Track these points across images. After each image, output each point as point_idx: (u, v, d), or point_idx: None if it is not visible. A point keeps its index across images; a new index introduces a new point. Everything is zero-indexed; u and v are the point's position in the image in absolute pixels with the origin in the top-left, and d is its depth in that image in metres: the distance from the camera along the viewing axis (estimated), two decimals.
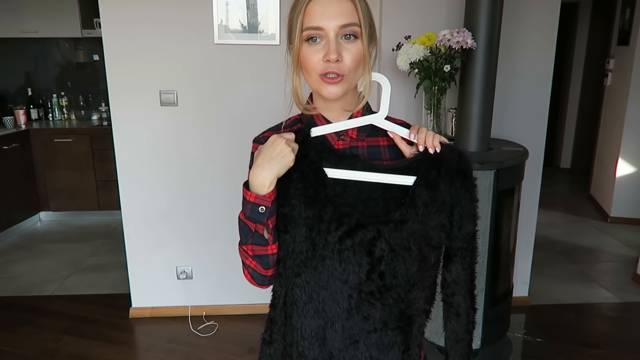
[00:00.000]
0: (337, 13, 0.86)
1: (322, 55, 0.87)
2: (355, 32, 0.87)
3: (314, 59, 0.88)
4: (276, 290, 0.93)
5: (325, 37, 0.87)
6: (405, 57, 2.11)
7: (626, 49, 4.10)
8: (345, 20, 0.86)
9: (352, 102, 0.96)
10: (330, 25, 0.86)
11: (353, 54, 0.88)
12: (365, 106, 0.97)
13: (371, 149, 0.97)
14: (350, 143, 0.96)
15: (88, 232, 4.11)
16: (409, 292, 0.87)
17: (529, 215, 2.73)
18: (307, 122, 0.97)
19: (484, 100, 2.14)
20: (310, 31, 0.87)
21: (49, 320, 2.78)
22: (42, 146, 4.17)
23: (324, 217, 0.86)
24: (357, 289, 0.87)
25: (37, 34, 4.19)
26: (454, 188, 0.86)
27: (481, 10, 2.06)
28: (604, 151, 4.49)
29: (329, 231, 0.86)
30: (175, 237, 2.72)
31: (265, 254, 0.90)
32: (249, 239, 0.89)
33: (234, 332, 2.65)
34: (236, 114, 2.59)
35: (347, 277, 0.86)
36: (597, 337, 2.62)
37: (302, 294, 0.88)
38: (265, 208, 0.85)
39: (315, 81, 0.90)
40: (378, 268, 0.86)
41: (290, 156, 0.85)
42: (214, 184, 2.66)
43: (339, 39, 0.87)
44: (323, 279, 0.87)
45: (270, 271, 0.93)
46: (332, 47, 0.86)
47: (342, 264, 0.86)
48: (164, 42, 2.47)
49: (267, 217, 0.87)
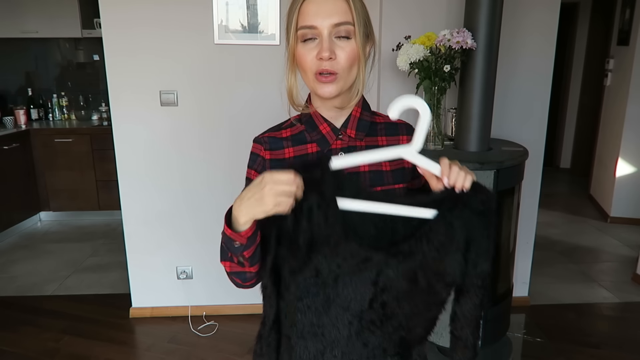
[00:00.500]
0: (331, 12, 0.87)
1: (315, 53, 0.88)
2: (348, 31, 0.88)
3: (308, 58, 0.89)
4: (266, 311, 0.91)
5: (319, 35, 0.88)
6: (405, 57, 2.11)
7: (626, 49, 4.11)
8: (338, 19, 0.87)
9: (347, 100, 0.96)
10: (323, 24, 0.87)
11: (347, 53, 0.88)
12: (361, 101, 0.98)
13: (369, 149, 0.97)
14: (348, 143, 0.96)
15: (88, 232, 4.11)
16: (410, 320, 0.86)
17: (528, 215, 2.74)
18: (306, 122, 0.97)
19: (483, 100, 2.14)
20: (305, 30, 0.88)
21: (49, 320, 2.78)
22: (43, 146, 4.17)
23: (330, 243, 0.81)
24: (358, 316, 0.85)
25: (38, 34, 4.20)
26: (474, 226, 0.82)
27: (481, 10, 2.06)
28: (604, 151, 4.49)
29: (334, 259, 0.82)
30: (175, 237, 2.72)
31: (243, 272, 0.88)
32: (225, 258, 0.88)
33: (234, 332, 2.65)
34: (236, 114, 2.59)
35: (348, 304, 0.84)
36: (597, 337, 2.62)
37: (303, 318, 0.86)
38: (240, 244, 0.81)
39: (311, 80, 0.91)
40: (381, 297, 0.83)
41: (281, 207, 0.75)
42: (214, 183, 2.66)
43: (332, 37, 0.88)
44: (325, 305, 0.84)
45: (250, 282, 0.91)
46: (325, 45, 0.87)
47: (344, 291, 0.83)
48: (164, 42, 2.48)
49: (241, 251, 0.83)
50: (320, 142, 0.96)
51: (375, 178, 0.96)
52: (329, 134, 0.96)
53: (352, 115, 0.97)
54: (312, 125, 0.97)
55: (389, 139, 0.99)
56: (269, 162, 0.97)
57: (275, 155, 0.97)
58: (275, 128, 1.01)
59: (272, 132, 1.00)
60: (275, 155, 0.97)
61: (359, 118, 0.97)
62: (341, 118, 0.97)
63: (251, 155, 1.00)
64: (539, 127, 2.65)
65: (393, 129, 1.00)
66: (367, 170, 0.95)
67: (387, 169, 0.97)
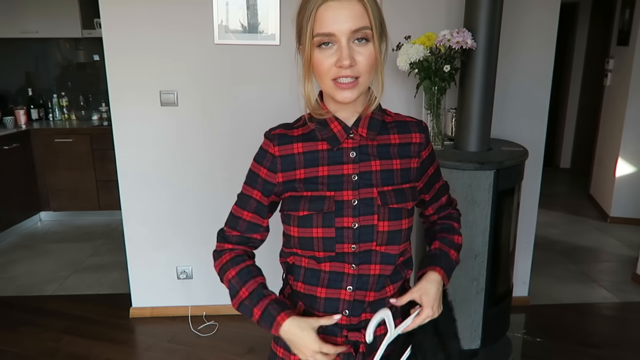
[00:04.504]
0: (348, 17, 0.85)
1: (334, 60, 0.87)
2: (367, 35, 0.87)
3: (325, 65, 0.88)
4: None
5: (337, 42, 0.86)
6: (405, 57, 2.11)
7: (626, 49, 4.11)
8: (356, 25, 0.85)
9: (364, 103, 0.96)
10: (341, 31, 0.85)
11: (366, 57, 0.87)
12: (376, 107, 0.98)
13: (381, 147, 0.97)
14: (360, 142, 0.96)
15: (88, 232, 4.11)
16: None
17: (528, 215, 2.74)
18: (317, 120, 0.96)
19: (483, 100, 2.14)
20: (322, 37, 0.86)
21: (49, 320, 2.78)
22: (43, 146, 4.17)
23: None
24: None
25: (38, 34, 4.19)
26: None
27: (481, 10, 2.06)
28: (604, 151, 4.49)
29: None
30: (175, 237, 2.73)
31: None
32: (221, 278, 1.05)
33: (234, 332, 2.65)
34: (236, 114, 2.59)
35: None
36: (597, 337, 2.62)
37: None
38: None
39: (329, 86, 0.90)
40: None
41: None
42: (214, 184, 2.66)
43: (350, 43, 0.86)
44: None
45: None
46: (345, 53, 0.85)
47: None
48: (164, 42, 2.48)
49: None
50: (330, 141, 0.96)
51: (387, 177, 0.96)
52: (340, 133, 0.95)
53: (367, 115, 0.97)
54: (323, 123, 0.96)
55: (400, 137, 0.99)
56: (280, 159, 0.97)
57: (284, 150, 0.97)
58: (288, 126, 1.00)
59: (284, 130, 0.99)
60: (285, 150, 0.97)
61: (370, 117, 0.97)
62: (353, 118, 0.97)
63: (260, 151, 1.00)
64: (539, 127, 2.65)
65: (404, 127, 1.01)
66: (379, 170, 0.95)
67: (397, 167, 0.97)
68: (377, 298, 0.97)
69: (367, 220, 0.93)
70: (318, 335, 0.93)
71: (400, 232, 0.95)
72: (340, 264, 0.95)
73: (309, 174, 0.95)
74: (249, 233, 1.02)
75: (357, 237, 0.93)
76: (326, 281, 0.97)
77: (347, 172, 0.94)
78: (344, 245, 0.94)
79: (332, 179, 0.94)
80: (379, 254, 0.95)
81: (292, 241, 0.98)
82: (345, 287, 0.96)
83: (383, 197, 0.94)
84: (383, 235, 0.94)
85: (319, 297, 0.98)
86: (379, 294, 0.98)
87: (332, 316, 0.95)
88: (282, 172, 0.97)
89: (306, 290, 0.99)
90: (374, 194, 0.94)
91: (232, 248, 1.03)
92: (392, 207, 0.94)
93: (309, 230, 0.94)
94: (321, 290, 0.97)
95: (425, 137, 1.02)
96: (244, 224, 1.01)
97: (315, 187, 0.95)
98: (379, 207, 0.94)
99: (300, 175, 0.96)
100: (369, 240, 0.94)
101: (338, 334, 0.99)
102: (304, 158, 0.96)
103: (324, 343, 0.92)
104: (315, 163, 0.95)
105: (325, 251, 0.94)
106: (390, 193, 0.95)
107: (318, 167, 0.95)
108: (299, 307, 1.02)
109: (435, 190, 1.09)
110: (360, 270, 0.95)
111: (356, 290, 0.96)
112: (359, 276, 0.96)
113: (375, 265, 0.96)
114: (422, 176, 1.04)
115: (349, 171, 0.94)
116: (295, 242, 0.97)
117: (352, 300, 0.97)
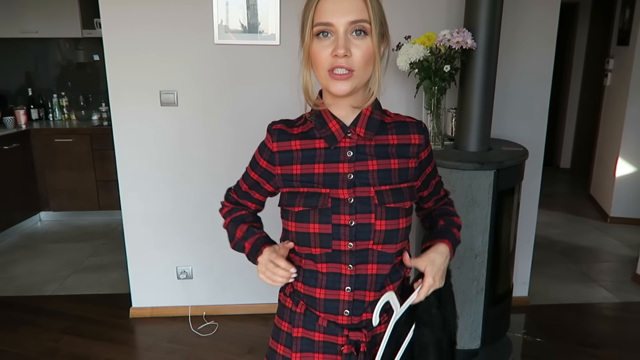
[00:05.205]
0: (347, 9, 0.87)
1: (330, 50, 0.88)
2: (364, 29, 0.88)
3: (322, 54, 0.89)
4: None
5: (335, 32, 0.88)
6: (405, 57, 2.11)
7: (626, 49, 4.11)
8: (355, 17, 0.87)
9: (362, 99, 0.96)
10: (340, 21, 0.87)
11: (362, 50, 0.88)
12: (374, 103, 0.98)
13: (379, 147, 0.97)
14: (357, 141, 0.97)
15: (88, 232, 4.11)
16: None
17: (528, 215, 2.73)
18: (315, 119, 0.97)
19: (483, 100, 2.14)
20: (320, 26, 0.88)
21: (49, 320, 2.78)
22: (43, 146, 4.17)
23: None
24: None
25: (38, 34, 4.19)
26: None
27: (481, 10, 2.06)
28: (604, 151, 4.49)
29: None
30: (175, 237, 2.73)
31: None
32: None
33: (234, 332, 2.65)
34: (236, 114, 2.59)
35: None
36: (597, 337, 2.62)
37: None
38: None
39: (324, 78, 0.91)
40: None
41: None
42: (214, 184, 2.66)
43: (348, 35, 0.88)
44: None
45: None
46: (341, 42, 0.87)
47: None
48: (164, 42, 2.48)
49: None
50: (328, 139, 0.97)
51: (384, 177, 0.96)
52: (338, 132, 0.96)
53: (363, 113, 0.97)
54: (322, 122, 0.97)
55: (399, 138, 0.99)
56: (277, 154, 0.99)
57: (282, 147, 0.99)
58: (290, 123, 1.02)
59: (285, 126, 1.01)
60: (283, 147, 0.99)
61: (369, 117, 0.97)
62: (350, 115, 0.97)
63: (262, 144, 1.04)
64: (539, 127, 2.65)
65: (403, 128, 1.01)
66: (376, 169, 0.96)
67: (395, 167, 0.97)
68: (377, 298, 0.98)
69: (364, 219, 0.94)
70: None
71: (398, 231, 0.96)
72: (337, 264, 0.96)
73: (305, 171, 0.97)
74: (244, 200, 1.13)
75: (354, 235, 0.94)
76: (324, 282, 0.97)
77: (343, 170, 0.95)
78: (340, 242, 0.94)
79: (327, 177, 0.95)
80: (376, 252, 0.96)
81: (290, 236, 0.99)
82: (344, 288, 0.97)
83: (380, 196, 0.95)
84: (380, 234, 0.94)
85: (318, 297, 0.99)
86: (379, 294, 0.98)
87: (287, 243, 1.00)
88: (280, 165, 1.00)
89: (306, 290, 1.00)
90: (371, 193, 0.95)
91: (230, 206, 1.16)
92: (389, 206, 0.95)
93: (306, 225, 0.95)
94: (320, 292, 0.98)
95: (425, 139, 1.02)
96: (240, 192, 1.13)
97: (311, 184, 0.96)
98: (376, 206, 0.94)
99: (297, 171, 0.97)
100: (366, 238, 0.94)
101: (339, 334, 0.99)
102: (301, 155, 0.97)
103: (277, 256, 0.97)
104: (311, 160, 0.97)
105: (321, 247, 0.95)
106: (388, 192, 0.95)
107: (314, 164, 0.96)
108: (301, 307, 1.02)
109: (432, 187, 1.11)
110: (357, 270, 0.96)
111: (355, 291, 0.97)
112: (357, 276, 0.96)
113: (372, 265, 0.96)
114: (420, 175, 1.04)
115: (345, 170, 0.95)
116: (293, 237, 0.98)
117: (352, 301, 0.97)
